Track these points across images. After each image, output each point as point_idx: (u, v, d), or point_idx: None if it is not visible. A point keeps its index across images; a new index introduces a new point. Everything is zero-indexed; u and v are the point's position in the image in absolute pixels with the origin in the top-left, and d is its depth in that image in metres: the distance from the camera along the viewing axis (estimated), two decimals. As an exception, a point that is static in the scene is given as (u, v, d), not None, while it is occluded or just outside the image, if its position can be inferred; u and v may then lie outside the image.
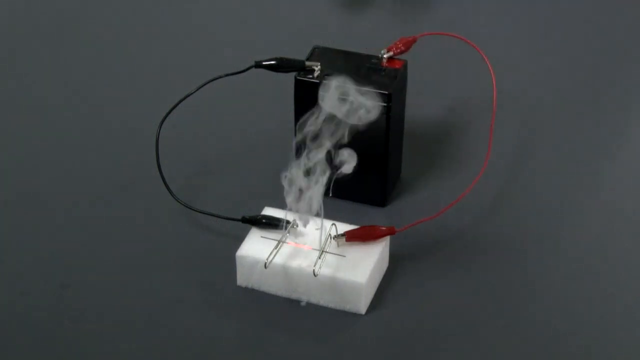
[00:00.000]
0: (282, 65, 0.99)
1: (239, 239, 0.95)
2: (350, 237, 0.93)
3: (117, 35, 1.29)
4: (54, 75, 1.22)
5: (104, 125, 1.14)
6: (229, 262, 0.94)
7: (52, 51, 1.27)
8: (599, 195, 1.05)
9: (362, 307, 0.92)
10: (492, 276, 0.96)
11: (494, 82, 1.00)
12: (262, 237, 0.94)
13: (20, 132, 1.13)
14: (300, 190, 0.91)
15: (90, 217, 1.02)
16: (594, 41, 1.29)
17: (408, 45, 1.01)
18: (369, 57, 1.01)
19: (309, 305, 0.92)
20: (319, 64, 0.99)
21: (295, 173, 0.90)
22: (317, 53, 1.01)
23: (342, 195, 1.03)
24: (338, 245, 0.93)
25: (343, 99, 0.91)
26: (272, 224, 0.94)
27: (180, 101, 1.00)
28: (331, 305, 0.92)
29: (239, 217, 0.96)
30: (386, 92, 0.97)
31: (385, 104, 0.97)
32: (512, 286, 0.95)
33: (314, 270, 0.91)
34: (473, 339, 0.90)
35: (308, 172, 0.90)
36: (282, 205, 0.97)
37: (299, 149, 0.91)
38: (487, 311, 0.93)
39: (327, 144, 0.91)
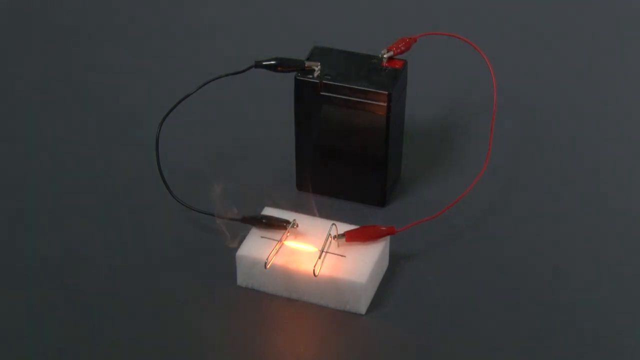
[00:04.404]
0: (282, 65, 0.99)
1: (239, 239, 0.95)
2: (350, 237, 0.93)
3: (117, 35, 1.29)
4: (54, 75, 1.22)
5: (104, 125, 1.14)
6: (229, 262, 0.94)
7: (52, 51, 1.27)
8: (600, 195, 1.05)
9: (362, 307, 0.92)
10: (492, 276, 0.96)
11: (494, 82, 1.00)
12: (262, 237, 0.94)
13: (20, 131, 1.13)
14: None
15: (90, 217, 1.02)
16: (595, 40, 1.29)
17: (408, 45, 1.01)
18: (369, 57, 1.01)
19: (309, 305, 0.92)
20: (319, 64, 0.99)
21: None
22: (317, 53, 1.01)
23: (342, 195, 1.03)
24: (338, 246, 0.93)
25: None
26: (272, 224, 0.94)
27: (180, 101, 1.00)
28: (331, 305, 0.92)
29: (239, 217, 0.96)
30: (386, 92, 0.97)
31: (385, 104, 0.97)
32: (513, 286, 0.95)
33: (314, 270, 0.91)
34: (473, 339, 0.90)
35: None
36: (282, 206, 0.98)
37: None
38: (487, 311, 0.93)
39: None
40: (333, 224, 0.93)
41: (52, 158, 1.09)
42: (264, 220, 0.95)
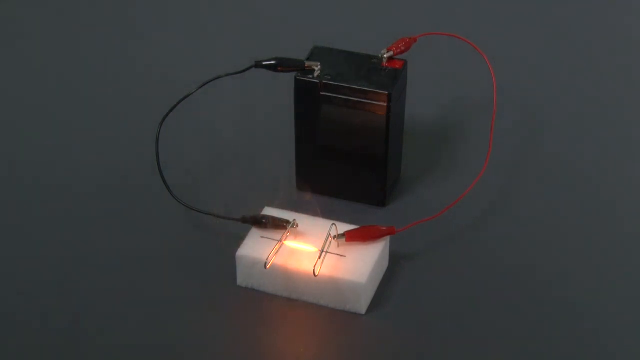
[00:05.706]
0: (282, 65, 0.99)
1: (239, 239, 0.95)
2: (350, 237, 0.93)
3: (118, 35, 1.29)
4: (54, 74, 1.22)
5: (104, 125, 1.14)
6: (229, 262, 0.94)
7: (53, 50, 1.27)
8: (600, 195, 1.05)
9: (362, 307, 0.92)
10: (492, 276, 0.96)
11: (494, 82, 1.00)
12: (262, 237, 0.94)
13: (20, 131, 1.13)
14: None
15: (90, 217, 1.02)
16: (594, 40, 1.29)
17: (408, 45, 1.01)
18: (369, 57, 1.01)
19: (309, 305, 0.92)
20: (319, 64, 0.99)
21: None
22: (317, 53, 1.01)
23: (342, 195, 1.03)
24: (338, 246, 0.93)
25: None
26: (272, 223, 0.94)
27: (180, 101, 1.00)
28: (331, 305, 0.92)
29: (239, 217, 0.96)
30: (386, 92, 0.97)
31: (385, 104, 0.97)
32: (513, 286, 0.95)
33: (314, 270, 0.91)
34: (473, 339, 0.90)
35: None
36: (282, 205, 0.98)
37: None
38: (487, 311, 0.93)
39: None
40: (333, 224, 0.93)
41: (51, 158, 1.09)
42: (264, 220, 0.95)
